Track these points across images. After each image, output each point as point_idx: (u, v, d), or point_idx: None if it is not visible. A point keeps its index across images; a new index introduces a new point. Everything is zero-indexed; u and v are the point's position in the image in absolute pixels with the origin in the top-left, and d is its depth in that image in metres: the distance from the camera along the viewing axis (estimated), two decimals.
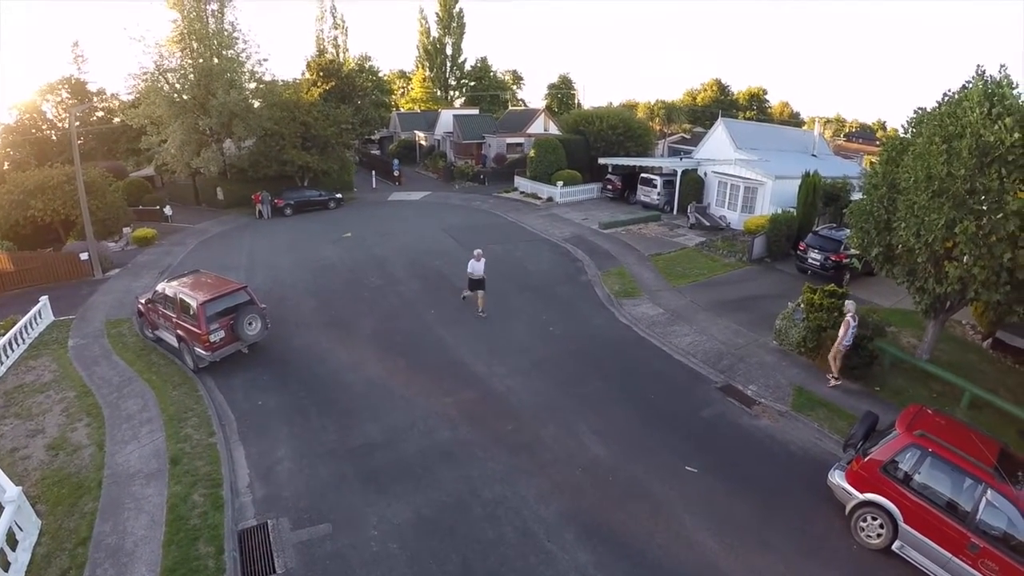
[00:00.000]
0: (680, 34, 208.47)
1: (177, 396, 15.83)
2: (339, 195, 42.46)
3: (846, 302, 17.01)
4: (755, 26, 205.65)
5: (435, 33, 78.51)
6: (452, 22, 77.83)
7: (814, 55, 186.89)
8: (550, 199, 41.48)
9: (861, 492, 11.18)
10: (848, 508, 11.39)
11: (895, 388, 16.55)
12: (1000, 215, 13.19)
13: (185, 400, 15.61)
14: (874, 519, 11.00)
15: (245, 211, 40.54)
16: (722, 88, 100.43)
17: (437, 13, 77.52)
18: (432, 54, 79.15)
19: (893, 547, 10.76)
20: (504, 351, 18.28)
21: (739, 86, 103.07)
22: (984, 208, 13.47)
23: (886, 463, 11.01)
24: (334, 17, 68.37)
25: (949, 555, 10.08)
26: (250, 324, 17.40)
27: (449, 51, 79.67)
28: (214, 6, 40.07)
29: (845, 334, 16.32)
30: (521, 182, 45.21)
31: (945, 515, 10.21)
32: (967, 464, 10.28)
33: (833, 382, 16.75)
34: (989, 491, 9.86)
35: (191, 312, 16.84)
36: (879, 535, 10.93)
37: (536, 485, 12.33)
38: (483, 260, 20.03)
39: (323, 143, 42.64)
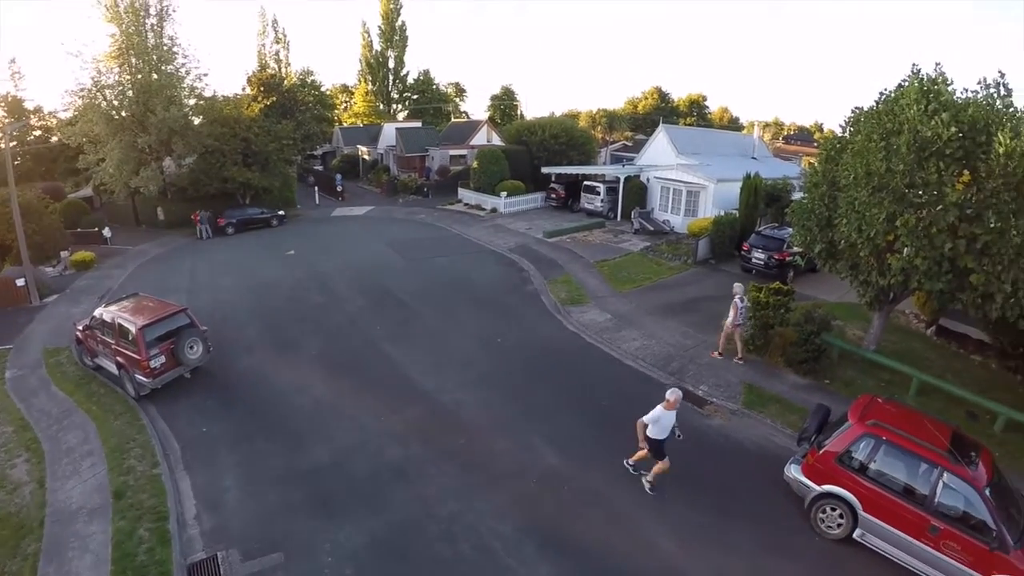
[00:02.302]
0: (622, 44, 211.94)
1: (119, 426, 15.11)
2: (282, 212, 41.72)
3: (734, 285, 17.81)
4: (694, 34, 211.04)
5: (378, 47, 78.26)
6: (395, 35, 77.58)
7: (752, 61, 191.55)
8: (494, 210, 41.43)
9: (818, 484, 11.27)
10: (807, 501, 11.47)
11: (844, 380, 16.88)
12: (939, 207, 13.65)
13: (127, 430, 14.91)
14: (833, 510, 11.11)
15: (186, 231, 39.41)
16: (662, 96, 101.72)
17: (380, 27, 77.29)
18: (375, 68, 78.79)
19: (854, 536, 10.88)
20: (452, 365, 18.00)
21: (679, 93, 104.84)
22: (924, 201, 13.90)
23: (841, 454, 11.12)
24: (276, 31, 67.61)
25: (911, 539, 10.25)
26: (191, 348, 16.81)
27: (392, 64, 79.44)
28: (153, 19, 39.08)
29: (735, 315, 17.33)
30: (465, 194, 45.11)
31: (904, 501, 10.39)
32: (922, 449, 10.49)
33: (737, 360, 17.85)
34: (945, 474, 10.08)
35: (130, 337, 16.16)
36: (839, 525, 11.05)
37: (492, 500, 12.08)
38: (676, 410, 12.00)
39: (264, 159, 41.86)
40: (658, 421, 11.79)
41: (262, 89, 49.98)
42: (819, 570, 10.33)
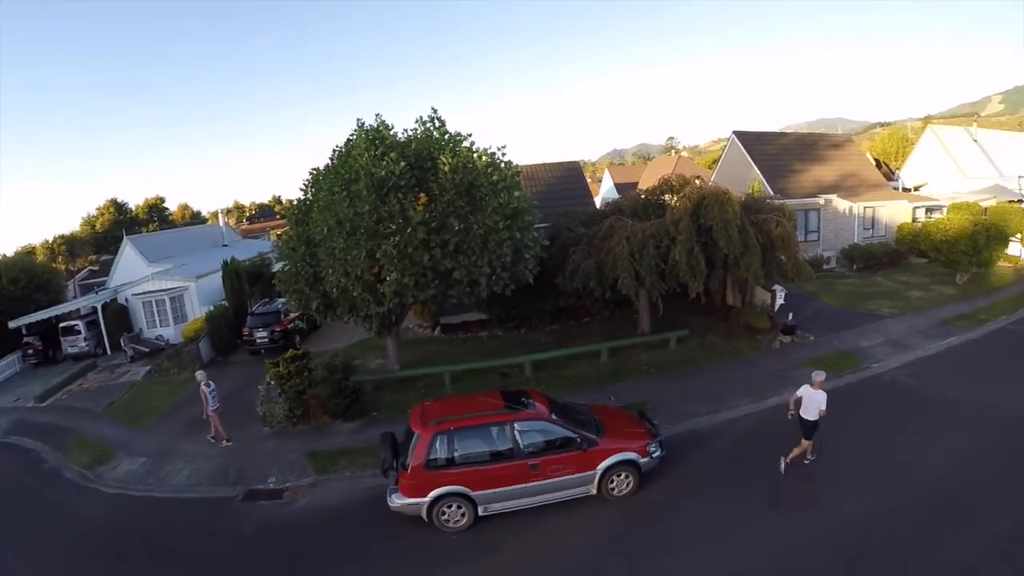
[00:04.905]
0: (61, 159, 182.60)
1: None
2: None
3: (196, 372, 18.14)
4: (138, 138, 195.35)
5: None
6: None
7: (202, 153, 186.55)
8: None
9: (424, 496, 11.73)
10: (424, 514, 11.83)
11: (389, 405, 18.14)
12: (409, 230, 15.94)
13: None
14: (449, 507, 11.83)
15: None
16: (119, 207, 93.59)
17: None
18: None
19: (480, 513, 11.87)
20: None
21: (136, 200, 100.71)
22: (394, 229, 16.00)
23: (426, 462, 11.83)
24: None
25: (523, 486, 11.83)
26: None
27: None
28: None
29: (208, 400, 17.18)
30: None
31: (499, 463, 11.89)
32: (485, 419, 12.26)
33: (224, 443, 17.52)
34: (515, 424, 12.03)
35: None
36: (464, 515, 11.86)
37: None
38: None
39: None
40: (813, 401, 12.46)
41: None
42: (480, 554, 11.08)
